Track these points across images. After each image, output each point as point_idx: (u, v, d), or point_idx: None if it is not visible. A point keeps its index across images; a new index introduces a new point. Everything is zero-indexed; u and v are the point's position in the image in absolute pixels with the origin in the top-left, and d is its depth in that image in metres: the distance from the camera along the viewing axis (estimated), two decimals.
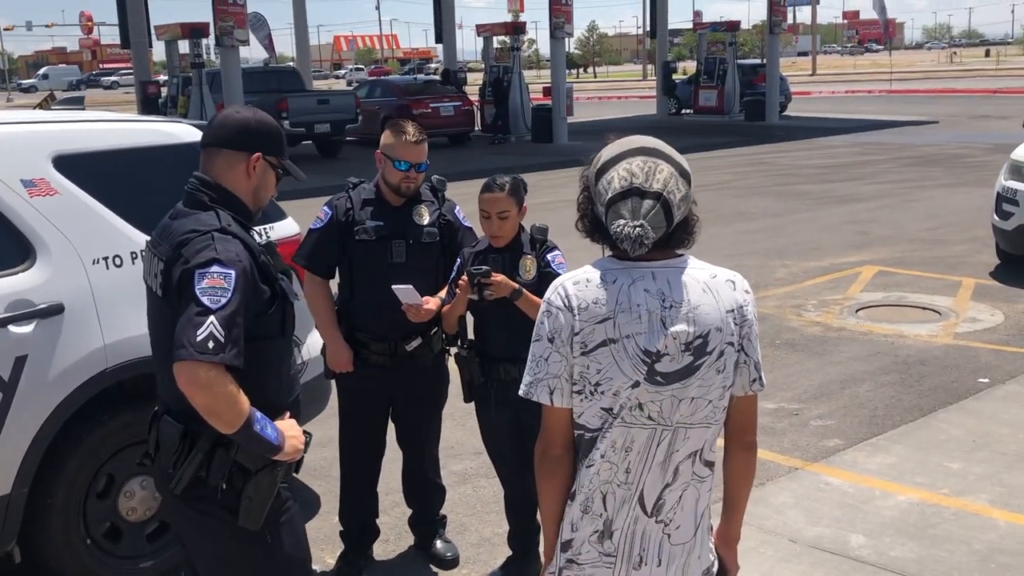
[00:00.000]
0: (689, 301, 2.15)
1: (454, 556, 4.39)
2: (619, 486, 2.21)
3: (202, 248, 2.43)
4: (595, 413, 2.18)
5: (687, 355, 2.14)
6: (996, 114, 28.84)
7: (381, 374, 4.11)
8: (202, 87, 21.94)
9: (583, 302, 2.14)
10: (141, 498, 4.09)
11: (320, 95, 24.25)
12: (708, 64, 31.92)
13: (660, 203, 2.12)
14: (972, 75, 55.74)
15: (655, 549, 2.24)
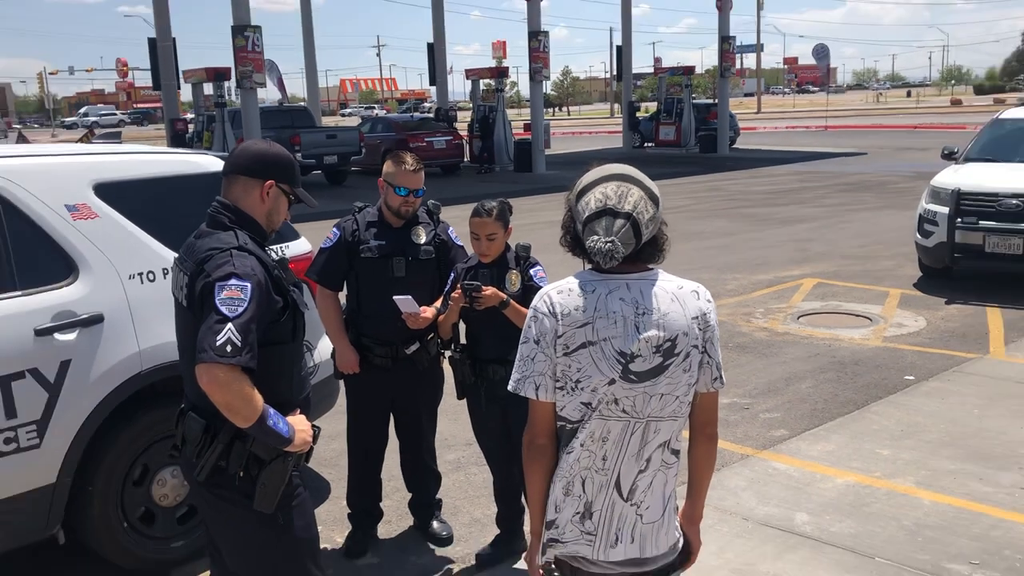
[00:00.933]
0: (659, 309, 2.16)
1: (449, 535, 4.35)
2: (597, 472, 2.20)
3: (222, 263, 2.42)
4: (575, 407, 2.18)
5: (657, 356, 2.14)
6: (917, 147, 29.03)
7: (384, 375, 4.09)
8: (224, 124, 21.86)
9: (566, 308, 2.15)
10: (172, 486, 4.05)
11: (328, 131, 24.20)
12: (667, 103, 32.03)
13: (630, 222, 2.14)
14: (896, 113, 56.18)
15: (629, 528, 2.24)
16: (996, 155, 9.97)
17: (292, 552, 2.60)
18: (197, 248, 2.54)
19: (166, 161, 4.35)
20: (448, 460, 5.19)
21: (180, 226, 3.78)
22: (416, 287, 3.96)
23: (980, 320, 8.15)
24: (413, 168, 3.95)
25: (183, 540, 4.12)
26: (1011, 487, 4.70)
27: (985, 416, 5.73)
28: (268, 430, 2.40)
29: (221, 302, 2.35)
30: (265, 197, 2.64)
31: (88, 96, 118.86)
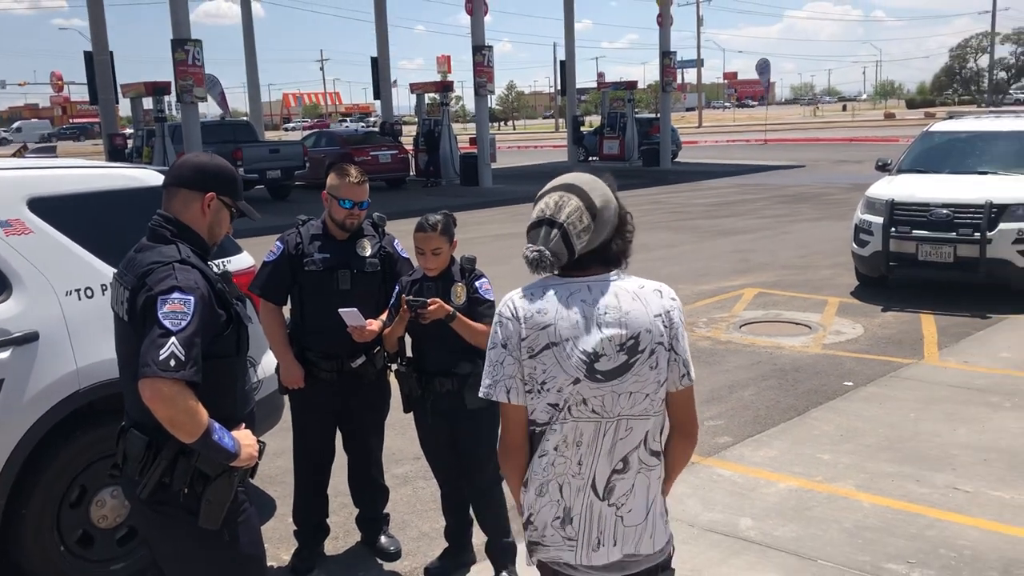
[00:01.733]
0: (620, 308, 2.19)
1: (397, 549, 4.32)
2: (574, 477, 2.23)
3: (164, 277, 2.39)
4: (543, 408, 2.21)
5: (622, 354, 2.17)
6: (852, 159, 29.78)
7: (329, 389, 4.05)
8: (165, 139, 21.49)
9: (528, 312, 2.19)
10: (112, 506, 3.95)
11: (271, 145, 23.99)
12: (611, 118, 32.36)
13: (561, 232, 2.18)
14: (832, 126, 57.54)
15: (610, 531, 2.25)
16: (927, 166, 10.28)
17: (238, 570, 2.56)
18: (138, 262, 2.50)
19: (104, 175, 4.27)
20: (396, 474, 5.16)
21: (119, 242, 3.70)
22: (361, 300, 3.94)
23: (915, 326, 8.38)
24: (357, 180, 3.94)
25: (123, 563, 4.02)
26: (945, 488, 4.83)
27: (921, 420, 5.89)
28: (213, 445, 2.37)
29: (164, 316, 2.31)
30: (206, 210, 2.61)
31: (21, 111, 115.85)
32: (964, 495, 4.73)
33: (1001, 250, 8.81)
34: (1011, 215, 8.86)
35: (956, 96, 76.11)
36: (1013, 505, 4.60)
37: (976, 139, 10.55)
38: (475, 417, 3.84)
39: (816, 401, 6.34)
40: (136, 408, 2.44)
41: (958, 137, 10.76)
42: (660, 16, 29.34)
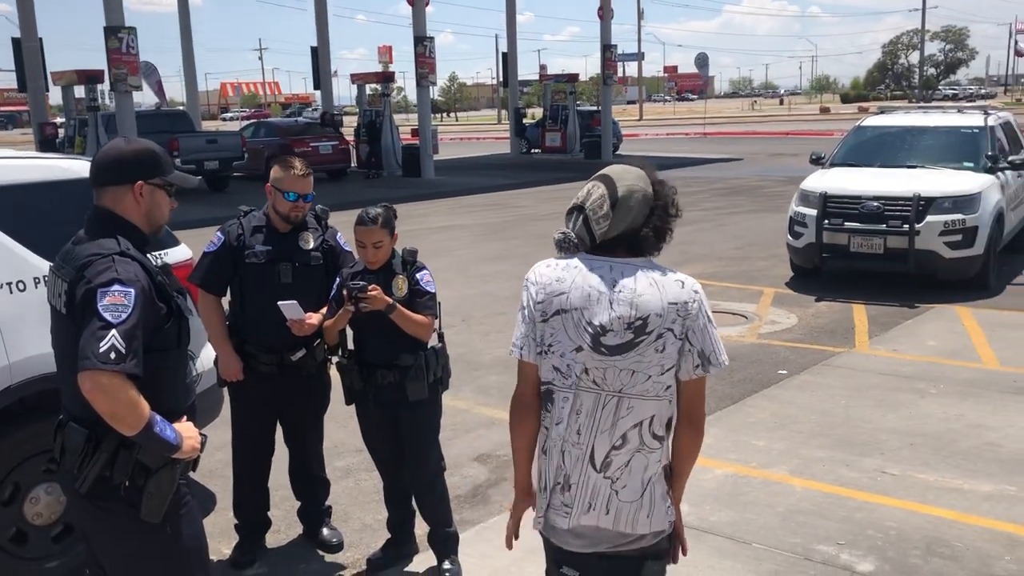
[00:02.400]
0: (635, 290, 2.30)
1: (339, 541, 4.33)
2: (573, 446, 2.35)
3: (103, 269, 2.36)
4: (548, 369, 2.37)
5: (628, 332, 2.28)
6: (788, 152, 30.37)
7: (269, 382, 4.04)
8: (98, 128, 20.96)
9: (546, 278, 2.37)
10: (46, 503, 3.89)
11: (209, 135, 23.56)
12: (553, 110, 32.50)
13: (583, 218, 2.36)
14: (769, 120, 58.61)
15: (603, 501, 2.34)
16: (859, 160, 10.57)
17: (181, 562, 2.54)
18: (76, 254, 2.46)
19: (35, 167, 4.17)
20: (337, 467, 5.15)
21: (52, 234, 3.64)
22: (303, 293, 3.92)
23: (847, 316, 8.62)
24: (302, 173, 3.93)
25: (58, 560, 3.97)
26: (874, 472, 5.00)
27: (851, 406, 6.08)
28: (155, 437, 2.35)
29: (104, 308, 2.28)
30: (139, 199, 2.55)
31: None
32: (891, 478, 4.91)
33: (929, 242, 9.11)
34: (938, 208, 9.16)
35: (888, 91, 78.10)
36: (936, 487, 4.78)
37: (906, 133, 10.88)
38: (417, 408, 3.87)
39: (751, 389, 6.49)
40: (74, 402, 2.41)
41: (889, 131, 11.09)
42: (601, 9, 29.53)
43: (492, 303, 9.59)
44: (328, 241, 4.10)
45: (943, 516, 4.45)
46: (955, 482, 4.84)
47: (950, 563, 4.00)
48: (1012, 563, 3.99)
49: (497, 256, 12.52)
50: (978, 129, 10.41)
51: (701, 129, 44.36)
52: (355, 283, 3.67)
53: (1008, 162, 10.14)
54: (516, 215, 17.14)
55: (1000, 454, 5.20)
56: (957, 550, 4.11)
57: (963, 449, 5.29)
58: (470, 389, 6.68)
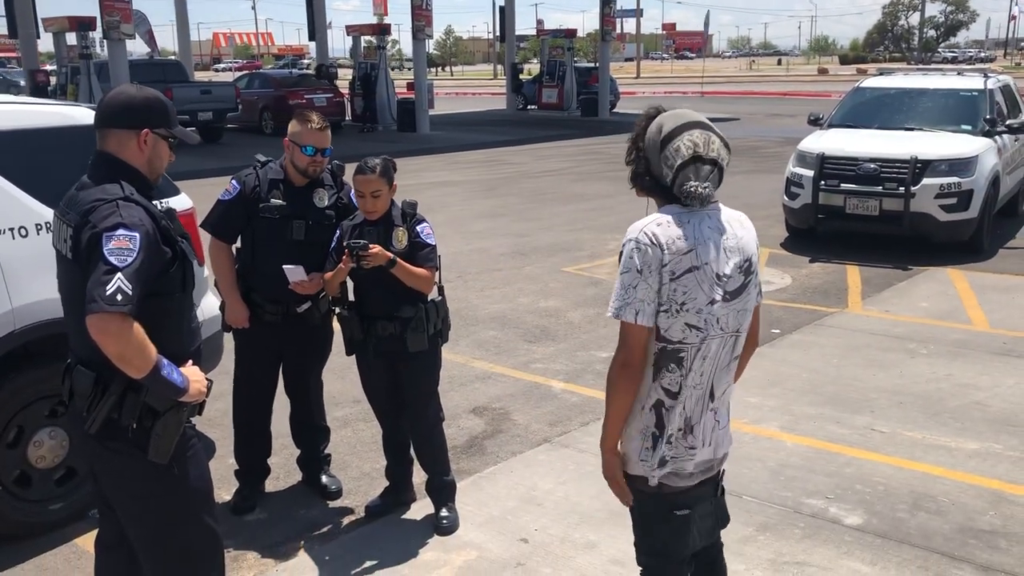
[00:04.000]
0: (736, 234, 2.44)
1: (338, 488, 4.41)
2: (695, 387, 2.44)
3: (108, 214, 2.38)
4: (679, 328, 2.37)
5: (740, 275, 2.42)
6: (786, 113, 30.27)
7: (273, 331, 4.08)
8: (91, 77, 20.77)
9: (669, 238, 2.34)
10: (49, 447, 3.95)
11: (202, 86, 23.34)
12: (550, 66, 32.24)
13: (716, 168, 2.39)
14: (767, 80, 58.23)
15: (710, 435, 2.50)
16: (857, 121, 10.56)
17: (187, 503, 2.60)
18: (80, 199, 2.48)
19: (36, 112, 4.16)
20: (336, 417, 5.22)
21: (54, 181, 3.66)
22: (315, 250, 3.96)
23: (840, 277, 8.69)
24: (319, 126, 3.92)
25: (62, 502, 4.04)
26: (863, 429, 5.09)
27: (843, 365, 6.16)
28: (162, 380, 2.39)
29: (109, 252, 2.31)
30: (143, 146, 2.57)
31: None
32: (880, 435, 5.00)
33: (924, 204, 9.14)
34: (934, 171, 9.18)
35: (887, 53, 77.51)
36: (924, 444, 4.88)
37: (904, 95, 10.85)
38: (417, 360, 3.92)
39: None
40: (82, 345, 2.45)
41: (887, 93, 11.06)
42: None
43: (487, 260, 9.62)
44: (343, 198, 4.10)
45: (930, 472, 4.54)
46: (942, 440, 4.93)
47: (935, 517, 4.10)
48: (996, 518, 4.09)
49: (492, 213, 12.52)
50: (977, 92, 10.39)
51: (699, 88, 44.07)
52: (356, 242, 3.69)
53: (1006, 126, 10.14)
54: (512, 172, 17.10)
55: (987, 413, 5.29)
56: (943, 505, 4.21)
57: (951, 408, 5.38)
58: (466, 343, 6.74)
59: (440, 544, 3.93)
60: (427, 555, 3.85)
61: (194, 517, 2.63)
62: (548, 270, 9.14)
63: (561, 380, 5.98)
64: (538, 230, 11.26)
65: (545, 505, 4.26)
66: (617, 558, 3.74)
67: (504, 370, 6.20)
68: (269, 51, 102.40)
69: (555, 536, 3.98)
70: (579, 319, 7.39)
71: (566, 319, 7.41)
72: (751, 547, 3.86)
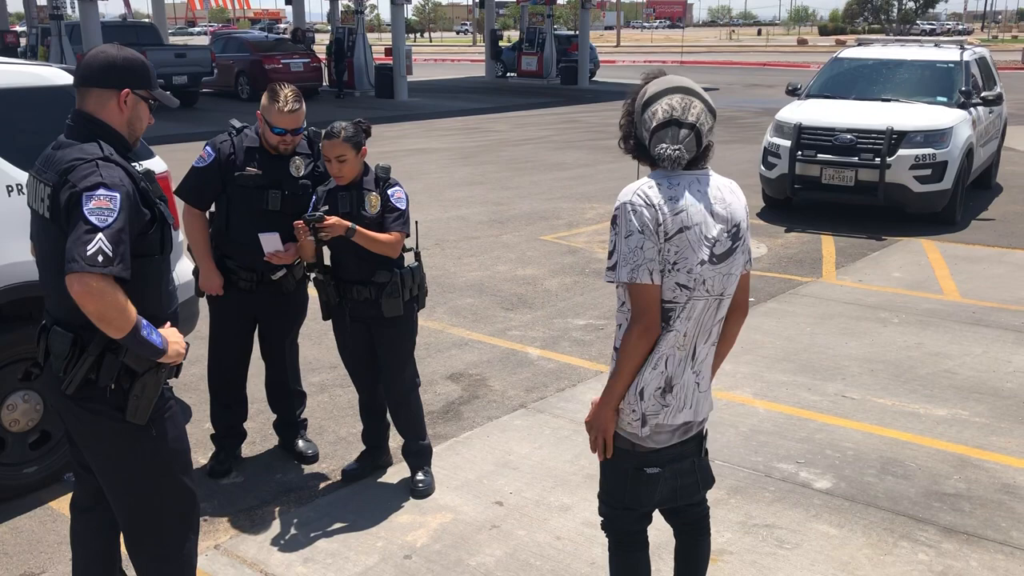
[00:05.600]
0: (724, 199, 2.46)
1: (314, 453, 4.43)
2: (679, 348, 2.48)
3: (88, 174, 2.36)
4: (670, 287, 2.41)
5: (728, 240, 2.45)
6: (765, 83, 30.28)
7: (248, 297, 4.07)
8: (62, 38, 20.40)
9: (661, 200, 2.37)
10: (23, 410, 3.94)
11: (177, 49, 22.98)
12: (530, 33, 32.03)
13: (693, 132, 2.40)
14: (746, 50, 58.13)
15: (691, 396, 2.55)
16: (835, 92, 10.60)
17: (165, 463, 2.61)
18: (58, 159, 2.45)
19: (8, 72, 4.09)
20: (312, 382, 5.23)
21: (24, 143, 3.62)
22: (289, 219, 3.92)
23: (815, 247, 8.76)
24: (289, 109, 3.83)
25: (36, 465, 4.04)
26: (835, 395, 5.17)
27: (816, 333, 6.24)
28: (142, 340, 2.39)
29: (90, 212, 2.30)
30: (123, 107, 2.55)
31: None
32: (851, 402, 5.08)
33: (899, 175, 9.22)
34: (909, 142, 9.25)
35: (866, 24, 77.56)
36: (893, 411, 4.97)
37: (882, 66, 10.89)
38: (393, 324, 3.93)
39: None
40: (59, 306, 2.44)
41: (865, 64, 11.08)
42: None
43: (465, 227, 9.61)
44: (319, 167, 4.06)
45: (898, 438, 4.63)
46: (912, 406, 5.02)
47: (902, 481, 4.19)
48: (960, 482, 4.19)
49: (471, 181, 12.49)
50: (953, 64, 10.45)
51: (678, 58, 43.93)
52: (312, 214, 3.69)
53: (981, 98, 10.21)
54: (490, 140, 17.03)
55: (955, 381, 5.39)
56: (910, 470, 4.30)
57: (921, 375, 5.47)
58: (443, 310, 6.76)
59: (416, 507, 3.97)
60: (403, 518, 3.88)
61: (171, 477, 2.64)
62: (526, 238, 9.15)
63: (538, 347, 6.02)
64: (516, 198, 11.25)
65: (521, 469, 4.31)
66: (591, 520, 3.79)
67: (481, 337, 6.22)
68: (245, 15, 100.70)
69: (530, 499, 4.03)
70: (556, 287, 7.42)
71: (543, 287, 7.44)
72: (722, 510, 3.92)
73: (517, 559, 3.58)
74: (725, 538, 3.72)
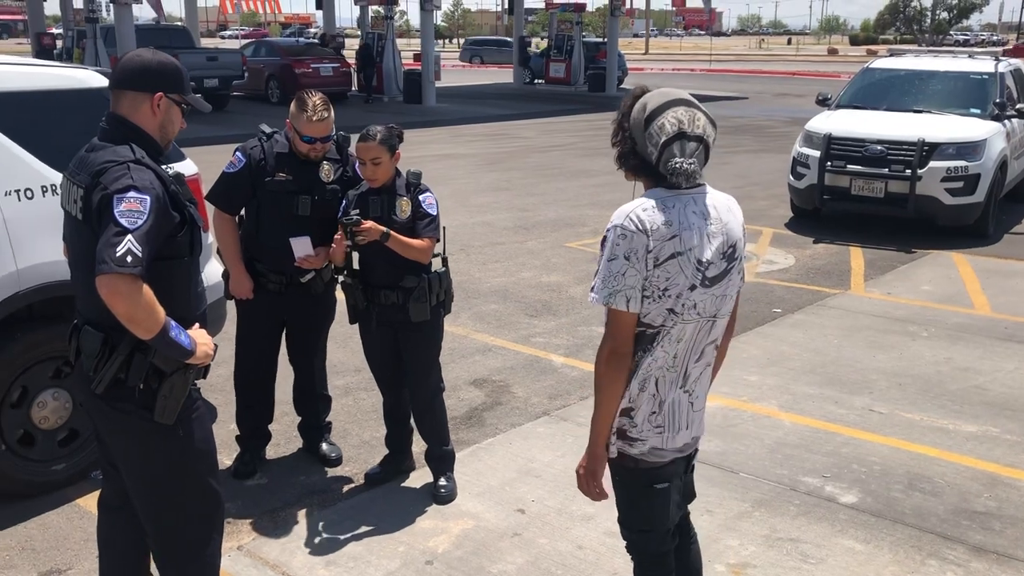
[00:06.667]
0: (720, 219, 2.40)
1: (338, 456, 4.45)
2: (669, 370, 2.44)
3: (119, 176, 2.39)
4: (660, 313, 2.36)
5: (723, 261, 2.40)
6: (794, 92, 30.08)
7: (276, 300, 4.10)
8: (97, 40, 20.70)
9: (654, 224, 2.30)
10: (53, 408, 3.99)
11: (209, 52, 23.22)
12: (558, 40, 32.06)
13: (702, 145, 2.35)
14: (776, 59, 57.79)
15: (686, 417, 2.51)
16: (865, 102, 10.51)
17: (191, 463, 2.64)
18: (91, 161, 2.49)
19: (43, 75, 4.15)
20: (337, 385, 5.25)
21: (60, 144, 3.66)
22: (319, 224, 3.96)
23: (844, 258, 8.68)
24: (318, 117, 3.85)
25: (65, 463, 4.08)
26: (862, 409, 5.12)
27: (843, 346, 6.18)
28: (170, 342, 2.41)
29: (120, 214, 2.33)
30: (156, 110, 2.59)
31: None
32: (879, 416, 5.03)
33: (930, 187, 9.12)
34: (941, 154, 9.15)
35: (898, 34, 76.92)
36: (922, 426, 4.91)
37: (914, 77, 10.78)
38: (419, 329, 3.94)
39: (746, 327, 6.58)
40: (90, 306, 2.47)
41: (897, 75, 10.98)
42: None
43: (491, 233, 9.62)
44: (348, 172, 4.09)
45: (926, 453, 4.57)
46: (941, 422, 4.96)
47: (931, 498, 4.13)
48: (991, 500, 4.13)
49: (497, 187, 12.50)
50: (987, 75, 10.33)
51: (707, 66, 43.78)
52: (349, 218, 3.71)
53: (1016, 110, 10.09)
54: (517, 146, 17.05)
55: (986, 397, 5.32)
56: (938, 486, 4.24)
57: (950, 391, 5.40)
58: (468, 316, 6.76)
59: (438, 513, 3.97)
60: (425, 523, 3.89)
61: (197, 478, 2.66)
62: (551, 245, 9.14)
63: (561, 354, 6.01)
64: (542, 205, 11.25)
65: (543, 477, 4.30)
66: (613, 530, 3.75)
67: (505, 343, 6.22)
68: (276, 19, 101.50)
69: (552, 507, 4.02)
70: (580, 294, 7.40)
71: (568, 294, 7.43)
72: (746, 523, 3.89)
73: (538, 567, 3.57)
74: (749, 551, 3.69)
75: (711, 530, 3.81)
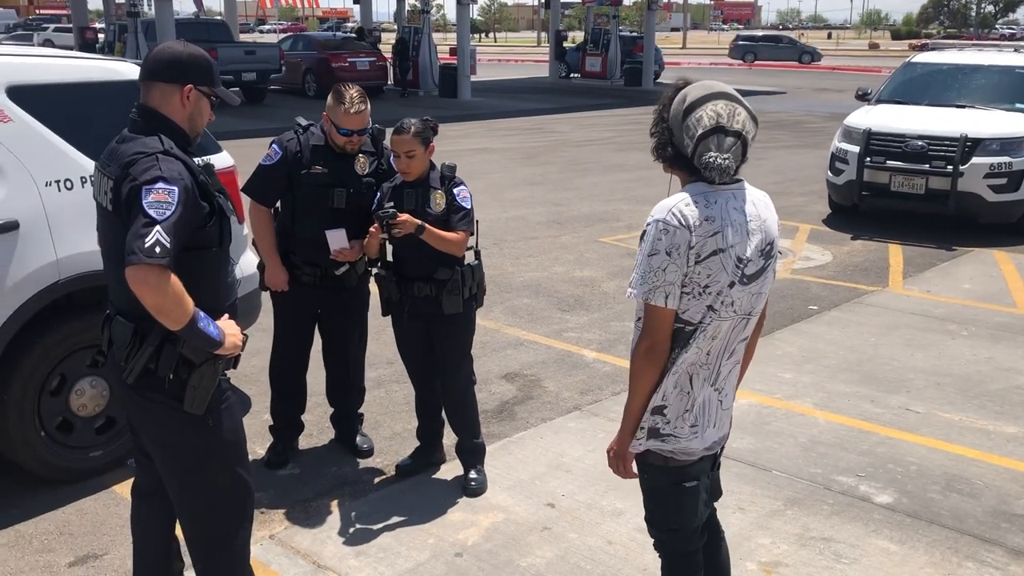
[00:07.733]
0: (759, 215, 2.37)
1: (370, 447, 4.47)
2: (702, 367, 2.42)
3: (148, 167, 2.41)
4: (699, 310, 2.33)
5: (761, 259, 2.38)
6: (834, 87, 29.69)
7: (311, 291, 4.13)
8: (137, 35, 21.00)
9: (697, 220, 2.27)
10: (91, 396, 4.05)
11: (247, 47, 23.44)
12: (594, 34, 31.92)
13: (740, 140, 2.29)
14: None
15: (715, 416, 2.50)
16: (907, 97, 10.32)
17: (221, 453, 2.66)
18: (121, 152, 2.51)
19: (84, 67, 4.21)
20: (369, 377, 5.24)
21: (98, 134, 3.69)
22: (354, 216, 3.99)
23: (882, 255, 8.55)
24: (355, 110, 3.87)
25: (102, 450, 4.14)
26: (898, 408, 5.04)
27: (880, 344, 6.08)
28: (199, 332, 2.43)
29: (149, 205, 2.34)
30: (185, 102, 2.60)
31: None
32: (916, 416, 4.94)
33: (972, 184, 8.94)
34: (984, 149, 8.97)
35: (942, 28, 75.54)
36: (960, 426, 4.82)
37: (957, 72, 10.57)
38: (452, 322, 3.94)
39: (781, 323, 6.51)
40: (121, 297, 2.50)
41: (939, 69, 10.78)
42: None
43: (524, 228, 9.61)
44: (383, 165, 4.10)
45: (965, 454, 4.49)
46: (980, 422, 4.87)
47: (968, 499, 4.06)
48: None
49: (531, 181, 12.48)
50: None
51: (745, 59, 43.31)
52: (385, 211, 3.72)
53: None
54: (552, 140, 17.01)
55: None
56: (976, 488, 4.16)
57: (990, 391, 5.30)
58: (500, 310, 6.76)
59: (468, 505, 3.98)
60: (455, 515, 3.89)
61: (227, 467, 2.68)
62: (585, 240, 9.11)
63: (594, 349, 5.98)
64: (576, 199, 11.22)
65: (573, 471, 4.28)
66: (643, 526, 3.70)
67: (537, 337, 6.21)
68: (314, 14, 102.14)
69: (582, 502, 4.00)
70: (614, 289, 7.37)
71: (601, 289, 7.39)
72: (778, 521, 3.85)
73: (568, 562, 3.56)
74: (781, 550, 3.65)
75: (743, 528, 3.78)
